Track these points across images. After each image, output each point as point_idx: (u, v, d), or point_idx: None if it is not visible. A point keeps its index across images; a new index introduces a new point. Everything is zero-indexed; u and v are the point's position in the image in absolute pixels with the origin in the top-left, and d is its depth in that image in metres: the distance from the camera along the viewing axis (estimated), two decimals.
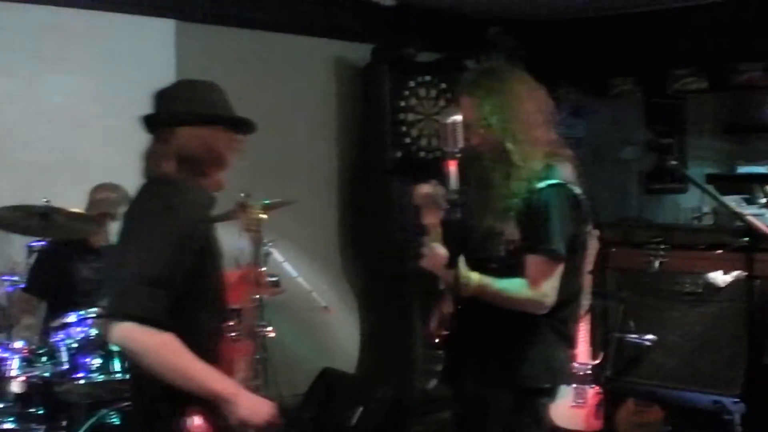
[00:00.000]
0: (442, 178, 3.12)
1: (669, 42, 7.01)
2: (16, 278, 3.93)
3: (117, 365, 3.97)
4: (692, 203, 8.26)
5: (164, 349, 2.39)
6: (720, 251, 5.68)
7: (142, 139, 2.85)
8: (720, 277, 4.52)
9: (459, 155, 2.85)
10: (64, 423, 4.15)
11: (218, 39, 5.91)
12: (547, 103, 3.18)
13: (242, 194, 4.66)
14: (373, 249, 6.55)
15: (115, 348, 3.96)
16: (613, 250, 3.68)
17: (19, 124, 4.98)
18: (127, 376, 3.91)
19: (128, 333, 2.38)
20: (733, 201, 7.13)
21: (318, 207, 6.42)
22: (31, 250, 4.07)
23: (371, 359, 6.65)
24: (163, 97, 2.81)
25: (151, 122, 2.78)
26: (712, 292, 4.53)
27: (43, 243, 4.04)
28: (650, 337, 4.56)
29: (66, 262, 4.56)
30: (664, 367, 4.49)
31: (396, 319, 6.47)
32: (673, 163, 3.39)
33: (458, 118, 2.84)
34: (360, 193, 6.61)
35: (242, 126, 2.89)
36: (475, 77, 3.15)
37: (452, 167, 2.85)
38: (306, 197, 5.60)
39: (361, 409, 5.36)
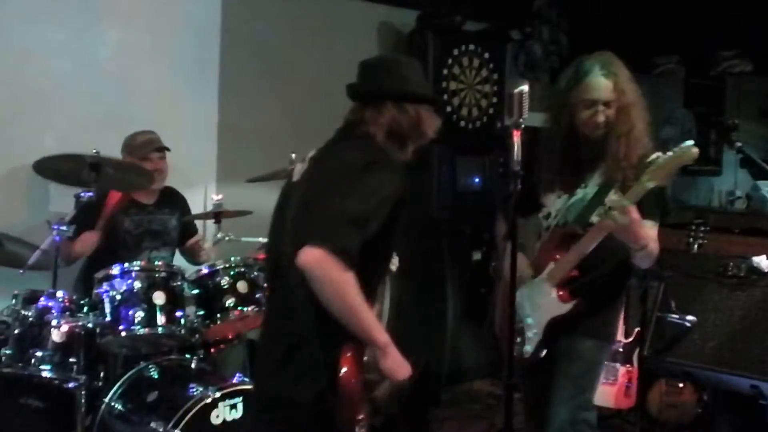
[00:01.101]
0: (491, 147, 3.26)
1: (715, 23, 6.93)
2: (64, 228, 3.92)
3: (160, 319, 3.97)
4: (726, 186, 8.22)
5: (347, 286, 2.54)
6: (760, 237, 5.68)
7: (186, 96, 2.85)
8: (764, 262, 4.49)
9: (523, 125, 2.85)
10: (103, 374, 4.20)
11: (264, 1, 5.88)
12: None
13: (293, 155, 4.69)
14: (410, 217, 6.53)
15: (158, 301, 3.98)
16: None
17: (67, 75, 4.98)
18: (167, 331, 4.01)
19: (322, 259, 2.49)
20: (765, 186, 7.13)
21: None
22: (79, 200, 4.07)
23: (401, 328, 6.64)
24: (373, 69, 2.98)
25: (360, 91, 2.97)
26: (755, 276, 4.50)
27: (90, 194, 4.04)
28: (691, 318, 4.53)
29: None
30: (702, 349, 4.46)
31: (428, 288, 6.47)
32: (739, 144, 3.36)
33: (525, 88, 2.86)
34: None
35: (440, 106, 2.97)
36: (607, 62, 3.43)
37: (516, 137, 2.85)
38: None
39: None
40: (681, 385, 5.03)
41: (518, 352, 3.50)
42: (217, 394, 3.79)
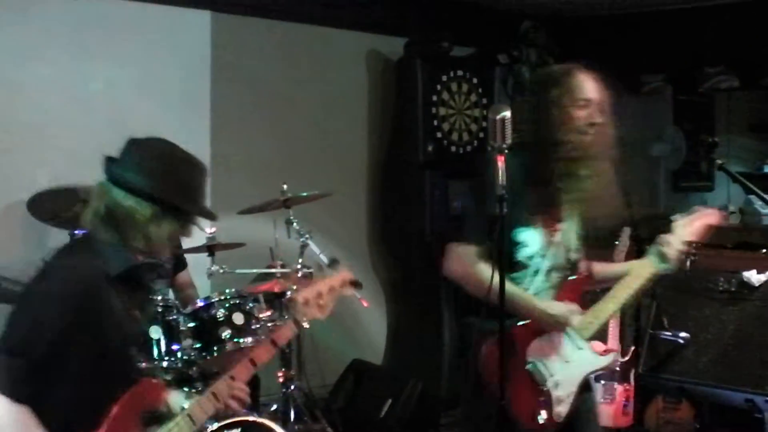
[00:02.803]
0: (481, 171, 3.17)
1: (700, 40, 7.00)
2: None
3: (157, 352, 4.00)
4: (719, 201, 8.26)
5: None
6: (750, 251, 5.71)
7: (178, 129, 2.89)
8: (754, 276, 4.52)
9: (507, 150, 2.84)
10: None
11: (253, 30, 5.95)
12: None
13: (284, 186, 4.74)
14: (404, 242, 6.59)
15: (155, 335, 4.01)
16: (646, 247, 3.68)
17: (58, 112, 5.03)
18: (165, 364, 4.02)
19: None
20: (758, 200, 7.16)
21: (350, 200, 6.46)
22: (73, 237, 4.10)
23: (399, 352, 6.69)
24: (128, 148, 2.77)
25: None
26: (746, 290, 4.53)
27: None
28: (683, 334, 4.56)
29: None
30: (696, 365, 4.49)
31: (425, 313, 6.51)
32: (720, 162, 3.39)
33: (507, 113, 2.85)
34: (392, 187, 6.64)
35: (178, 213, 2.70)
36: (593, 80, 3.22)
37: (500, 162, 2.85)
38: (338, 190, 5.63)
39: (390, 401, 5.39)
40: (678, 401, 5.05)
41: (544, 417, 3.14)
42: (215, 426, 3.80)
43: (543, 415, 3.13)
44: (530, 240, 3.19)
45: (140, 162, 2.67)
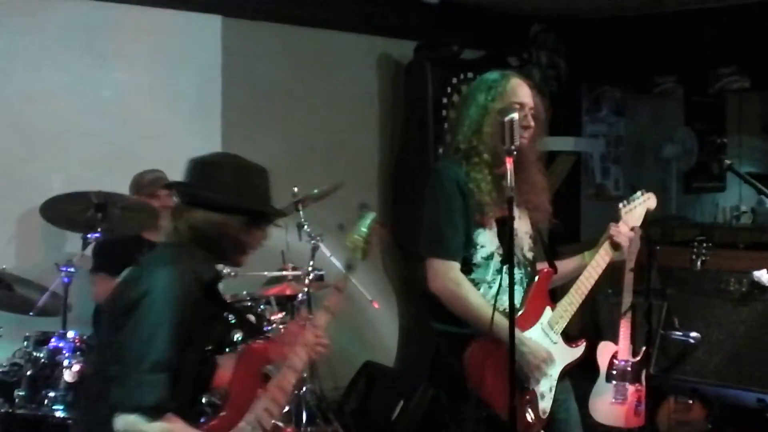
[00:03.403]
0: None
1: (711, 41, 7.00)
2: (72, 269, 3.99)
3: None
4: (731, 202, 8.26)
5: None
6: (762, 252, 5.71)
7: (189, 134, 2.93)
8: (765, 276, 4.52)
9: (515, 153, 2.88)
10: None
11: (263, 35, 5.98)
12: None
13: (295, 189, 4.76)
14: (414, 246, 6.58)
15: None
16: (657, 248, 3.71)
17: (70, 118, 5.07)
18: None
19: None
20: None
21: (360, 202, 6.46)
22: (86, 241, 4.14)
23: (411, 354, 6.70)
24: (195, 169, 2.85)
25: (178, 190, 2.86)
26: (757, 290, 4.53)
27: (97, 235, 4.11)
28: (694, 334, 4.56)
29: (123, 254, 4.64)
30: (708, 365, 4.49)
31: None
32: (728, 162, 3.41)
33: (515, 116, 2.88)
34: (402, 190, 6.65)
35: (263, 218, 2.85)
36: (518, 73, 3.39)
37: (509, 165, 2.88)
38: (349, 193, 5.65)
39: (402, 403, 5.40)
40: (690, 402, 5.04)
41: (531, 415, 3.23)
42: None
43: (530, 414, 3.21)
44: (486, 240, 3.28)
45: (215, 178, 2.79)
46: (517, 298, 3.15)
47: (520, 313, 3.22)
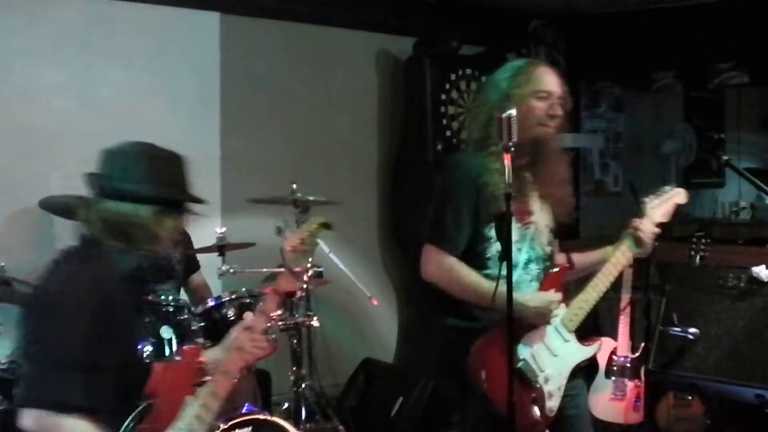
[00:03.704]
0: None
1: (710, 36, 7.00)
2: None
3: (168, 352, 4.03)
4: (730, 198, 8.26)
5: None
6: (761, 247, 5.71)
7: (188, 131, 2.93)
8: (764, 271, 4.51)
9: (513, 149, 2.86)
10: None
11: (262, 31, 5.98)
12: None
13: (294, 185, 4.76)
14: (414, 242, 6.58)
15: (166, 335, 4.04)
16: (656, 243, 3.70)
17: (68, 116, 5.07)
18: None
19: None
20: None
21: (360, 199, 6.47)
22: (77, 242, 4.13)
23: (410, 350, 6.70)
24: (106, 159, 2.81)
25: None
26: (756, 286, 4.52)
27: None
28: (693, 330, 4.55)
29: None
30: (706, 361, 4.48)
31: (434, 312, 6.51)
32: (726, 158, 3.39)
33: (513, 112, 2.86)
34: (401, 186, 6.65)
35: (174, 207, 2.81)
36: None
37: (507, 161, 2.86)
38: (348, 189, 5.67)
39: (401, 399, 5.40)
40: (689, 397, 5.05)
41: (537, 413, 3.17)
42: (227, 425, 3.82)
43: (536, 412, 3.15)
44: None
45: (125, 168, 2.73)
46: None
47: None
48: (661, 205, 3.53)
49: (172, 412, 2.70)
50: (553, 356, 3.25)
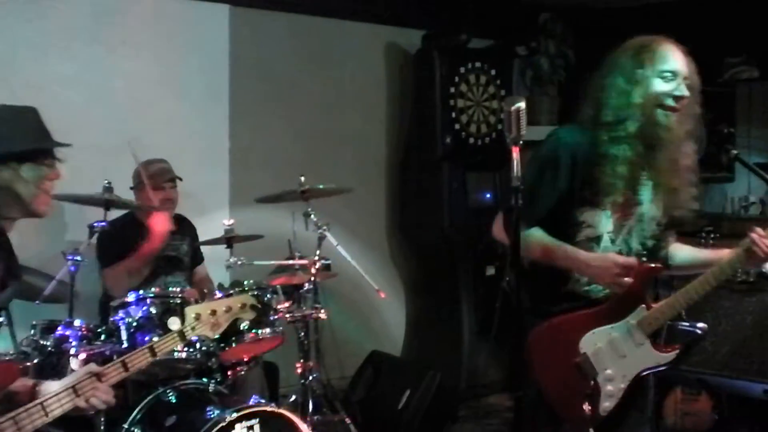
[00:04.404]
0: (502, 162, 3.12)
1: (720, 30, 6.95)
2: (78, 258, 3.99)
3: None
4: (739, 192, 8.21)
5: None
6: None
7: (197, 123, 2.92)
8: None
9: (522, 142, 2.81)
10: (122, 400, 4.25)
11: (271, 24, 5.97)
12: None
13: (302, 178, 4.77)
14: (422, 235, 6.60)
15: (173, 327, 4.03)
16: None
17: (78, 107, 5.07)
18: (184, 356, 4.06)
19: None
20: None
21: (368, 192, 6.47)
22: (92, 230, 4.14)
23: (418, 343, 6.71)
24: None
25: None
26: (764, 281, 4.52)
27: (103, 224, 4.12)
28: (701, 325, 4.53)
29: (127, 241, 4.65)
30: (714, 356, 4.48)
31: (443, 304, 6.52)
32: (735, 152, 3.33)
33: (522, 104, 2.80)
34: (410, 179, 6.65)
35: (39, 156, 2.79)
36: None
37: (515, 154, 2.79)
38: (356, 182, 5.65)
39: (408, 392, 5.40)
40: (696, 393, 5.04)
41: (588, 408, 3.00)
42: (234, 416, 3.83)
43: (587, 407, 3.01)
44: (595, 221, 3.06)
45: None
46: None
47: (601, 306, 3.06)
48: None
49: None
50: (620, 357, 3.05)
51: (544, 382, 3.05)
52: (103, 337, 4.05)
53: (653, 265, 3.09)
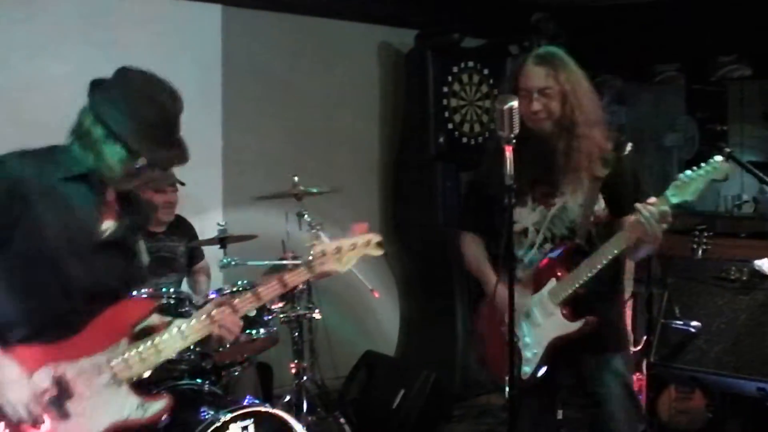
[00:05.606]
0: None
1: (713, 28, 6.97)
2: None
3: None
4: (732, 191, 8.22)
5: None
6: (763, 240, 5.69)
7: (189, 123, 2.92)
8: (766, 265, 4.51)
9: (515, 141, 2.86)
10: None
11: (263, 24, 5.97)
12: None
13: (295, 178, 4.76)
14: (416, 234, 6.60)
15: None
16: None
17: (69, 108, 5.02)
18: (176, 356, 4.03)
19: None
20: None
21: (361, 192, 6.47)
22: None
23: (412, 343, 6.71)
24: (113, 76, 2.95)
25: None
26: (757, 279, 4.52)
27: None
28: (695, 323, 4.56)
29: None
30: (708, 354, 4.49)
31: (437, 304, 6.52)
32: (728, 150, 3.33)
33: (515, 103, 2.86)
34: (403, 178, 6.65)
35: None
36: (544, 52, 3.39)
37: (509, 153, 2.86)
38: (350, 182, 5.66)
39: (402, 392, 5.40)
40: (690, 390, 5.05)
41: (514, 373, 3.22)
42: (228, 417, 3.83)
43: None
44: (521, 217, 3.39)
45: (110, 95, 2.89)
46: None
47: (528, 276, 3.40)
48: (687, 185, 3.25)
49: (95, 344, 2.70)
50: (535, 326, 3.37)
51: (483, 349, 3.54)
52: None
53: (570, 246, 3.35)
